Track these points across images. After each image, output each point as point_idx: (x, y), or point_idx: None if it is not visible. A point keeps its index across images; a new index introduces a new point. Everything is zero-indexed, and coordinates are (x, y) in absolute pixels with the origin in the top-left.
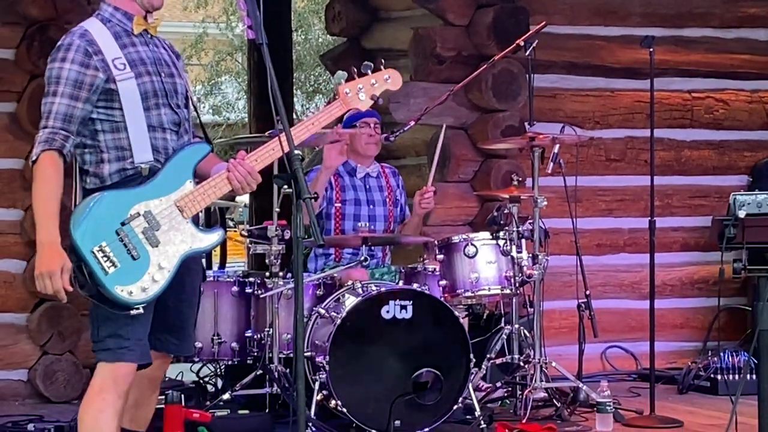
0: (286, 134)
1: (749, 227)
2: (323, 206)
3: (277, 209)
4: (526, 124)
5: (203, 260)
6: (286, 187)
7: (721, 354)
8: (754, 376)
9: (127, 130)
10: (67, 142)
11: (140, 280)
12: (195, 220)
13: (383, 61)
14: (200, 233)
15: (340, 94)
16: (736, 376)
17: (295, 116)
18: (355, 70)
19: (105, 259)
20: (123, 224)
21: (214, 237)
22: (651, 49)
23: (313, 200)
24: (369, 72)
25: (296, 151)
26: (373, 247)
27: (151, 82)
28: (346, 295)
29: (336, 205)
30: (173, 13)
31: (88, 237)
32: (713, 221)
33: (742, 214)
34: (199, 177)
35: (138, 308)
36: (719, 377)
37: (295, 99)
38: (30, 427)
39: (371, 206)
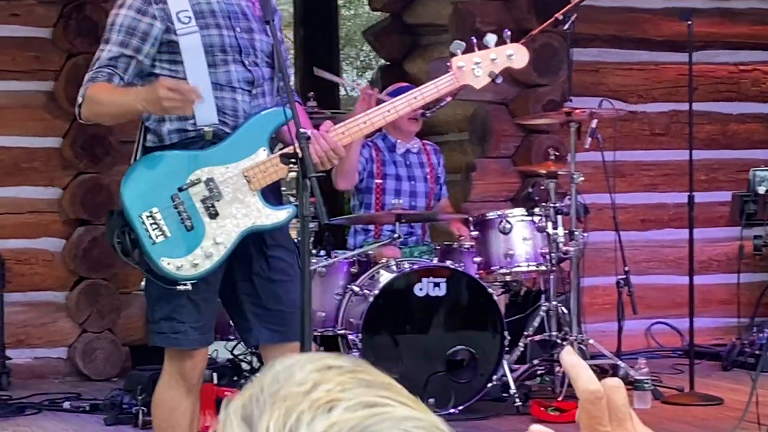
0: (292, 113)
1: None
2: (363, 176)
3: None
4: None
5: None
6: (292, 165)
7: (766, 330)
8: None
9: None
10: (113, 79)
11: (191, 253)
12: (264, 194)
13: (509, 32)
14: (267, 208)
15: (453, 68)
16: None
17: (344, 91)
18: (475, 41)
19: (154, 226)
20: (180, 190)
21: (282, 214)
22: (689, 22)
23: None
24: (491, 45)
25: (302, 129)
26: (413, 224)
27: (219, 35)
28: (381, 272)
29: (377, 181)
30: None
31: (139, 200)
32: (733, 197)
33: (762, 189)
34: (283, 144)
35: (186, 284)
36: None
37: (345, 75)
38: (66, 405)
39: (412, 182)
